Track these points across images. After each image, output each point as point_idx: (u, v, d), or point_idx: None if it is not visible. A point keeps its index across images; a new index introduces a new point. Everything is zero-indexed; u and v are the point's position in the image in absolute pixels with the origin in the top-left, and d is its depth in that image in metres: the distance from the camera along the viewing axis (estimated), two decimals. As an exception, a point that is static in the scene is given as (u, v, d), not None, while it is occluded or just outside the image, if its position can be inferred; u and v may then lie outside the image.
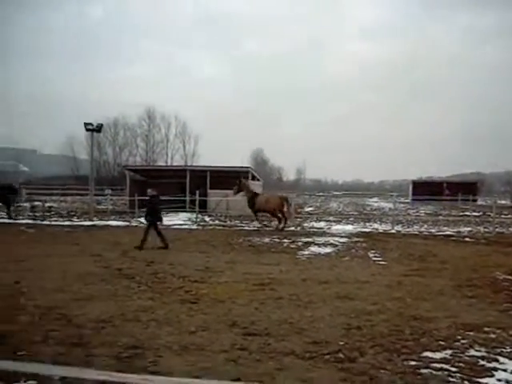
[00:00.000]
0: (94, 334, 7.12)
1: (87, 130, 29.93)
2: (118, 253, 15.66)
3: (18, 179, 43.45)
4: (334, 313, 8.54)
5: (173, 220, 28.80)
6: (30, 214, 30.79)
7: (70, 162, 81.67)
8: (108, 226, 26.15)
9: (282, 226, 24.33)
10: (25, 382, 5.32)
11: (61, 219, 28.94)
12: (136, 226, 25.45)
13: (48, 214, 31.33)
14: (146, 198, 18.29)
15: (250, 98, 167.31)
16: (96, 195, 35.16)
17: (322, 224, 28.92)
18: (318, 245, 18.60)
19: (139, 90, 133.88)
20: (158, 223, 17.23)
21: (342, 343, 6.90)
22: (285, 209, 24.87)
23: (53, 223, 27.14)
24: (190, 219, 29.87)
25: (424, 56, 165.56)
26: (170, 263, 13.71)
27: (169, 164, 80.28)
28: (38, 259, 14.09)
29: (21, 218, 28.90)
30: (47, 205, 33.82)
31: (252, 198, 24.77)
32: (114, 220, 29.02)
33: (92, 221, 27.91)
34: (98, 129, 30.37)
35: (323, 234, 23.24)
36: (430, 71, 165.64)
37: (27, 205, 34.01)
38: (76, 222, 28.10)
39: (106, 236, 20.72)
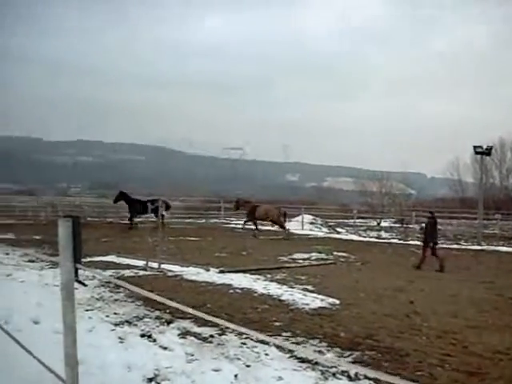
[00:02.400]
0: (491, 366, 6.85)
1: (477, 153, 29.38)
2: (511, 281, 14.86)
3: (406, 202, 44.92)
4: None
5: None
6: (418, 235, 31.46)
7: (455, 184, 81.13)
8: (497, 251, 25.07)
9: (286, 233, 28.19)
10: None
11: (448, 242, 28.90)
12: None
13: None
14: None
15: None
16: (484, 219, 34.14)
17: None
18: None
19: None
20: (435, 245, 17.12)
21: None
22: (281, 218, 28.87)
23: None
24: None
25: None
26: None
27: None
28: (428, 280, 14.32)
29: (409, 239, 29.77)
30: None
31: (252, 209, 28.49)
32: (504, 246, 27.65)
33: (480, 245, 27.14)
34: (488, 151, 29.51)
35: None
36: None
37: (416, 226, 34.86)
38: (463, 245, 27.71)
39: (496, 262, 19.93)
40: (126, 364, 6.22)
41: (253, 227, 29.11)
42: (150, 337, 7.50)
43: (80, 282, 10.80)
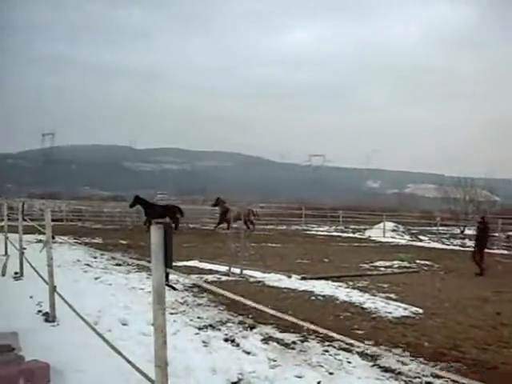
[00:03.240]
0: None
1: None
2: None
3: (489, 209, 43.39)
4: None
5: None
6: (504, 244, 30.34)
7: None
8: None
9: (250, 230, 30.24)
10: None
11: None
12: None
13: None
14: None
15: None
16: None
17: None
18: None
19: None
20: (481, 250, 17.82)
21: None
22: (251, 218, 32.76)
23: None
24: None
25: None
26: None
27: None
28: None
29: (495, 247, 28.72)
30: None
31: (225, 211, 30.74)
32: None
33: None
34: None
35: None
36: None
37: (501, 235, 33.63)
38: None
39: None
40: (211, 367, 6.37)
41: (217, 225, 31.88)
42: (233, 341, 7.63)
43: (170, 286, 11.13)
